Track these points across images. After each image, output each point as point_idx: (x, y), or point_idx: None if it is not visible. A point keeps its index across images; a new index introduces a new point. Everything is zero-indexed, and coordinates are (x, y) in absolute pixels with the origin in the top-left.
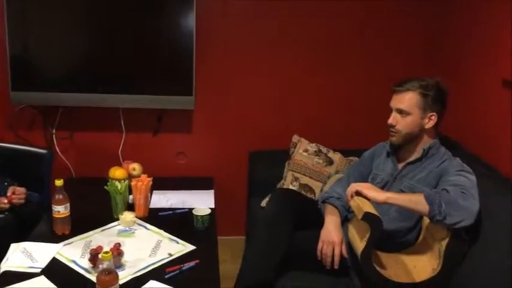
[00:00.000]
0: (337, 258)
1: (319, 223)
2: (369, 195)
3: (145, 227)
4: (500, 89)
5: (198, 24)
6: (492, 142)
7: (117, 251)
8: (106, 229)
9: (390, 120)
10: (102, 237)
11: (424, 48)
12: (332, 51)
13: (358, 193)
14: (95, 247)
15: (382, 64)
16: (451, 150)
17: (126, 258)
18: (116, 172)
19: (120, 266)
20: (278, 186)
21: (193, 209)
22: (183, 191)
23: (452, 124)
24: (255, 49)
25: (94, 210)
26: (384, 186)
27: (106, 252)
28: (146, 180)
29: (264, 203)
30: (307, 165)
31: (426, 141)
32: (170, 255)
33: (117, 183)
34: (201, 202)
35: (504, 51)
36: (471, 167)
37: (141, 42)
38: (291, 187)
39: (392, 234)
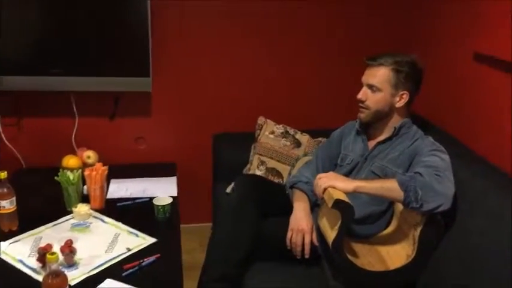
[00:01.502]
0: (307, 247)
1: (288, 209)
2: (337, 187)
3: (102, 220)
4: (472, 62)
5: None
6: (464, 118)
7: (68, 249)
8: (58, 224)
9: (360, 95)
10: (54, 233)
11: (392, 23)
12: (296, 29)
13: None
14: (43, 245)
15: (349, 40)
16: (422, 129)
17: (79, 255)
18: (70, 161)
19: (72, 264)
20: (244, 171)
21: (154, 198)
22: (143, 178)
23: (422, 101)
24: (217, 27)
25: (46, 203)
26: (354, 168)
27: (52, 253)
28: (101, 169)
29: (229, 189)
30: (274, 148)
31: (397, 120)
32: (129, 250)
33: (68, 173)
34: (163, 190)
35: (476, 23)
36: (443, 145)
37: (93, 20)
38: (257, 171)
39: (364, 218)
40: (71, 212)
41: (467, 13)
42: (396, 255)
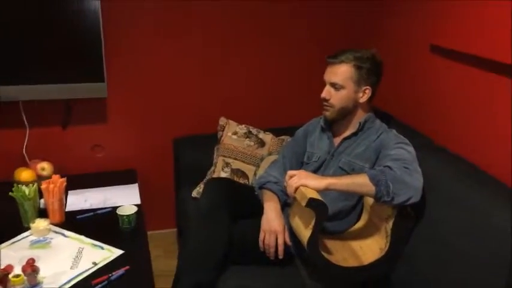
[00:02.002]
0: (281, 248)
1: (258, 211)
2: (309, 185)
3: (63, 234)
4: (429, 54)
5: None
6: (422, 109)
7: (31, 268)
8: (16, 242)
9: (323, 94)
10: (13, 253)
11: (347, 16)
12: (255, 25)
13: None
14: (3, 266)
15: (307, 35)
16: (385, 122)
17: (43, 274)
18: (22, 174)
19: (36, 284)
20: (208, 173)
21: (117, 207)
22: (103, 187)
23: (381, 93)
24: (172, 27)
25: (0, 221)
26: (321, 165)
27: (17, 276)
28: (59, 181)
29: (195, 193)
30: (238, 148)
31: (361, 115)
32: (95, 264)
33: (24, 187)
34: (125, 199)
35: (432, 15)
36: (405, 137)
37: (40, 23)
38: (222, 173)
39: (335, 215)
40: (28, 229)
41: (422, 5)
42: (369, 249)
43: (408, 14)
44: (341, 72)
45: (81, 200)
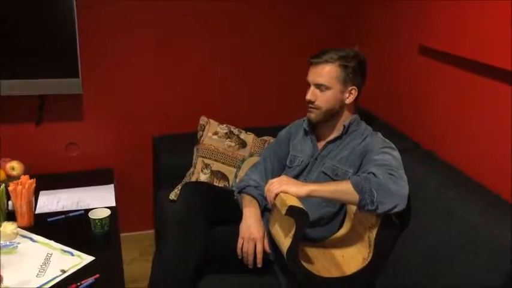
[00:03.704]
0: (259, 256)
1: (237, 216)
2: (290, 192)
3: (31, 239)
4: (417, 55)
5: None
6: (410, 113)
7: None
8: None
9: (309, 96)
10: None
11: (333, 14)
12: (236, 24)
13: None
14: None
15: (290, 35)
16: (367, 123)
17: (7, 282)
18: None
19: None
20: (187, 174)
21: (90, 210)
22: (77, 188)
23: (368, 95)
24: (151, 24)
25: None
26: (304, 169)
27: None
28: (28, 183)
29: (173, 196)
30: (218, 149)
31: (346, 117)
32: (63, 271)
33: None
34: (100, 200)
35: (422, 15)
36: (392, 141)
37: (12, 16)
38: (201, 175)
39: (316, 221)
40: None
41: (412, 5)
42: (352, 259)
43: (396, 12)
44: (326, 72)
45: (53, 201)
